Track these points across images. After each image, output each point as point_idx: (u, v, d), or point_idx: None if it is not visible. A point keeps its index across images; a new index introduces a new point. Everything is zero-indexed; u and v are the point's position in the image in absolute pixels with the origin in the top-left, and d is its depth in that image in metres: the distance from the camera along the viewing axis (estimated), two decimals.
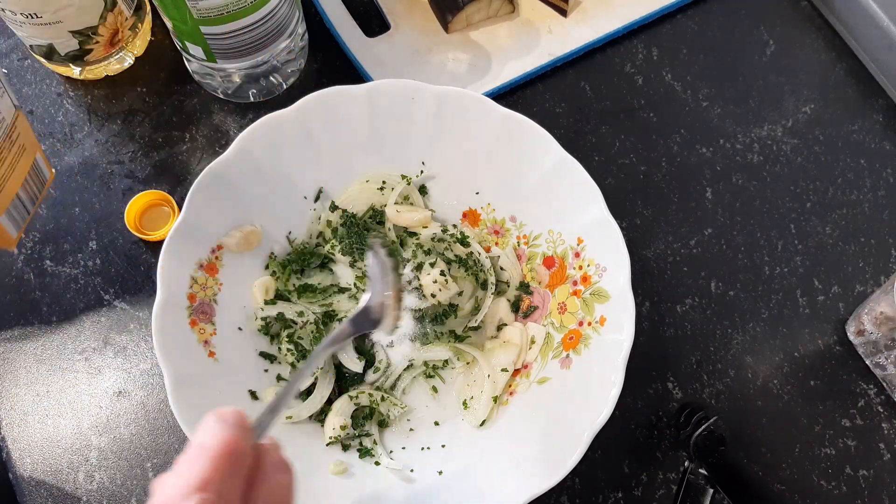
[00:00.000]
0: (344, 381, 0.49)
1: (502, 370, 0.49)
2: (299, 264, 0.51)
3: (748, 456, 0.52)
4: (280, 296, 0.50)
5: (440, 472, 0.45)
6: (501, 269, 0.52)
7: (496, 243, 0.53)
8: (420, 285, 0.50)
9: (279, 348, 0.49)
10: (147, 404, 0.51)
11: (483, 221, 0.54)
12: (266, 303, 0.49)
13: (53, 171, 0.53)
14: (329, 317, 0.50)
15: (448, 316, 0.51)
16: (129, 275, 0.54)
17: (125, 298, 0.53)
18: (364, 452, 0.47)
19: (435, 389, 0.50)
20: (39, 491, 0.48)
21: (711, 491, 0.46)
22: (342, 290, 0.51)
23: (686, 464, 0.48)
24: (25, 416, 0.50)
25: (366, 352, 0.50)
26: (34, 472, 0.49)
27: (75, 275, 0.54)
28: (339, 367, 0.49)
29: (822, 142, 0.62)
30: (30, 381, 0.51)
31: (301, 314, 0.49)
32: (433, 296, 0.50)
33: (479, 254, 0.51)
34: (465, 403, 0.49)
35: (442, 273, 0.50)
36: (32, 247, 0.54)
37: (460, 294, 0.51)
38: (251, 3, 0.48)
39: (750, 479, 0.49)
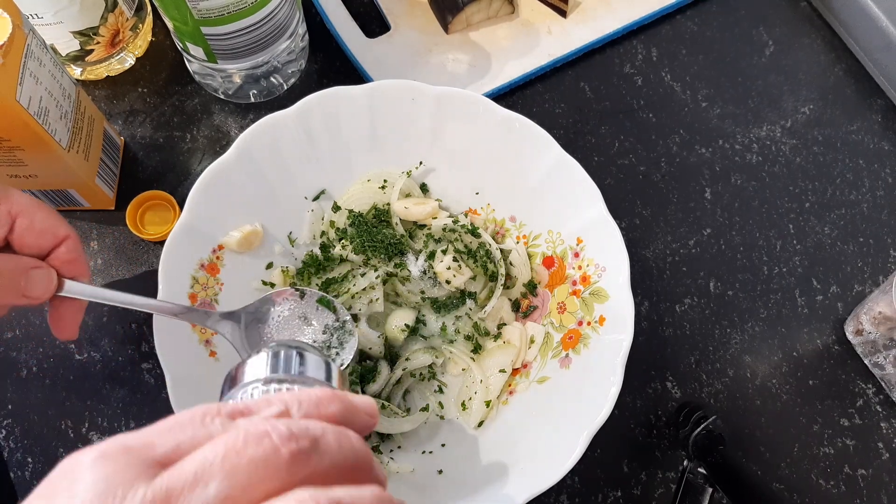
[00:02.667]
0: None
1: (500, 371, 0.49)
2: (315, 268, 0.51)
3: (747, 455, 0.52)
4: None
5: (440, 472, 0.46)
6: (511, 264, 0.52)
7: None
8: (434, 274, 0.51)
9: None
10: (148, 404, 0.51)
11: (483, 221, 0.54)
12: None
13: (122, 138, 0.57)
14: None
15: (464, 301, 0.51)
16: (129, 275, 0.54)
17: None
18: None
19: (437, 390, 0.50)
20: None
21: (710, 490, 0.46)
22: (362, 275, 0.51)
23: (685, 463, 0.48)
24: (27, 415, 0.50)
25: (364, 368, 0.50)
26: (35, 472, 0.49)
27: None
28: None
29: (821, 142, 0.62)
30: (30, 381, 0.51)
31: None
32: (448, 282, 0.51)
33: (490, 244, 0.52)
34: (463, 405, 0.49)
35: (455, 259, 0.50)
36: None
37: (474, 279, 0.52)
38: (252, 3, 0.48)
39: (749, 479, 0.49)
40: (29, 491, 0.50)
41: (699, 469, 0.47)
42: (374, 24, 0.62)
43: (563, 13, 0.63)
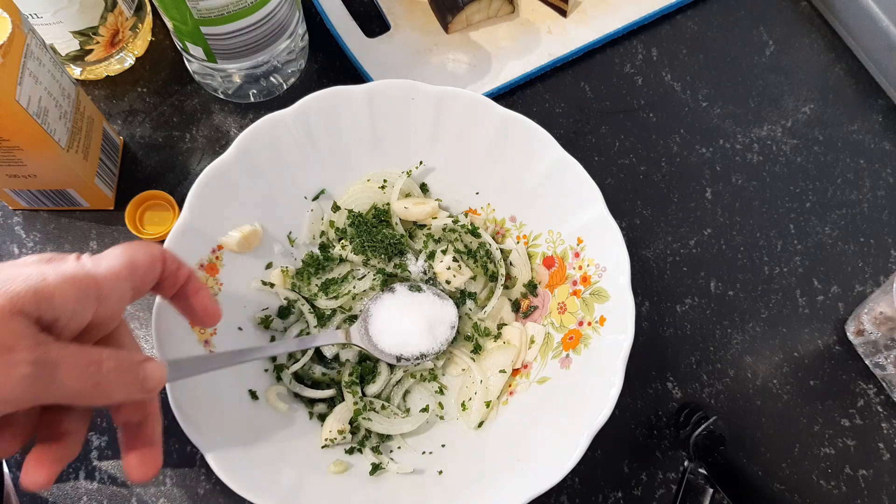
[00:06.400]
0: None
1: (500, 371, 0.49)
2: (315, 268, 0.51)
3: (748, 455, 0.52)
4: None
5: (440, 472, 0.45)
6: (511, 264, 0.52)
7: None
8: (434, 274, 0.51)
9: (290, 355, 0.49)
10: None
11: (483, 221, 0.54)
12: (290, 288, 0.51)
13: (121, 138, 0.57)
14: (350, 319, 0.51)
15: (464, 302, 0.51)
16: None
17: None
18: (363, 453, 0.47)
19: (437, 391, 0.50)
20: (40, 491, 0.48)
21: (711, 490, 0.46)
22: (361, 277, 0.51)
23: (686, 463, 0.48)
24: None
25: (364, 368, 0.50)
26: None
27: None
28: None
29: (822, 142, 0.62)
30: None
31: (314, 312, 0.50)
32: (448, 282, 0.50)
33: (490, 244, 0.52)
34: (463, 405, 0.49)
35: (455, 259, 0.50)
36: (33, 247, 0.54)
37: (474, 279, 0.52)
38: (251, 3, 0.48)
39: (749, 479, 0.49)
40: (28, 492, 0.50)
41: (700, 469, 0.47)
42: (374, 23, 0.62)
43: (563, 13, 0.63)
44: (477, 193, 0.53)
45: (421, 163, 0.52)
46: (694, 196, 0.59)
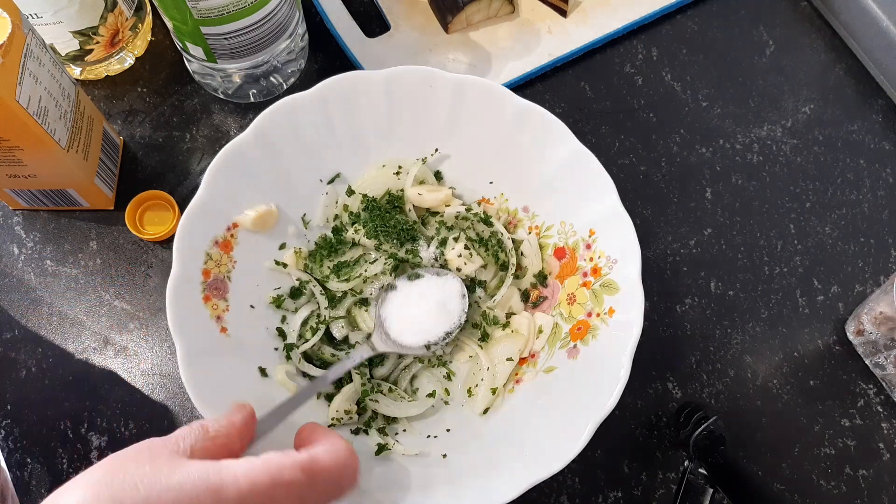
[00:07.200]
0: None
1: (507, 359, 0.49)
2: (327, 250, 0.51)
3: (748, 456, 0.52)
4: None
5: (444, 456, 0.45)
6: (522, 254, 0.52)
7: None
8: (445, 261, 0.51)
9: (300, 335, 0.50)
10: (147, 404, 0.51)
11: (496, 211, 0.54)
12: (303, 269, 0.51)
13: (121, 138, 0.57)
14: (362, 302, 0.51)
15: (474, 290, 0.51)
16: (129, 275, 0.54)
17: (125, 298, 0.53)
18: (369, 434, 0.47)
19: (444, 377, 0.50)
20: (40, 491, 0.48)
21: (711, 491, 0.46)
22: (373, 262, 0.51)
23: (686, 463, 0.48)
24: (26, 416, 0.50)
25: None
26: (34, 472, 0.49)
27: (76, 275, 0.54)
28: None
29: (822, 142, 0.62)
30: (30, 381, 0.51)
31: (326, 295, 0.50)
32: (459, 270, 0.51)
33: (502, 234, 0.52)
34: (469, 392, 0.49)
35: (466, 247, 0.50)
36: (33, 247, 0.54)
37: (485, 267, 0.52)
38: (251, 3, 0.48)
39: (749, 479, 0.49)
40: (28, 491, 0.50)
41: (700, 469, 0.47)
42: (374, 23, 0.62)
43: (563, 13, 0.63)
44: (491, 183, 0.53)
45: (436, 150, 0.52)
46: (694, 196, 0.59)
